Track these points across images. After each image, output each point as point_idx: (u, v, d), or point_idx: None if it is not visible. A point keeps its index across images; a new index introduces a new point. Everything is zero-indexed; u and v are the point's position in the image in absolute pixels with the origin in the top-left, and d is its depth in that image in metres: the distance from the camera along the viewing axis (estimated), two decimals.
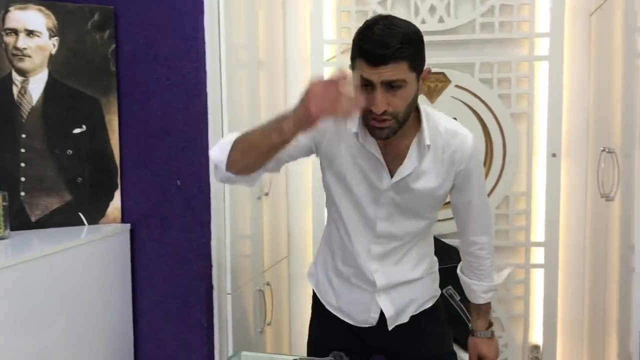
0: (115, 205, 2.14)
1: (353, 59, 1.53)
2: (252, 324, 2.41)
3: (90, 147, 2.09)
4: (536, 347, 2.68)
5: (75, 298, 1.91)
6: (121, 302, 2.12)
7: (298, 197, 2.84)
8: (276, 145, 1.53)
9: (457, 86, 2.60)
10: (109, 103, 2.10)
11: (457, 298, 2.29)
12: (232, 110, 2.16)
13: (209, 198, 2.08)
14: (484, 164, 2.62)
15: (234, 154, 1.57)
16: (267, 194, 2.52)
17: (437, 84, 2.61)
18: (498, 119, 2.60)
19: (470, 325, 1.96)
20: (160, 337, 2.16)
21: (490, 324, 1.93)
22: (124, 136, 2.13)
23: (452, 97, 2.61)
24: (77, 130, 2.08)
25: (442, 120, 1.67)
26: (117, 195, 2.14)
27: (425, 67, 1.56)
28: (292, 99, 2.79)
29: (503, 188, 2.63)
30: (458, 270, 1.93)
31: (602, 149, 2.23)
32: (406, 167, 1.64)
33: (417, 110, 1.63)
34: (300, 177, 2.83)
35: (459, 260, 1.95)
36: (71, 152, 2.07)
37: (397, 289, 1.81)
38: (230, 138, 1.60)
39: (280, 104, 2.75)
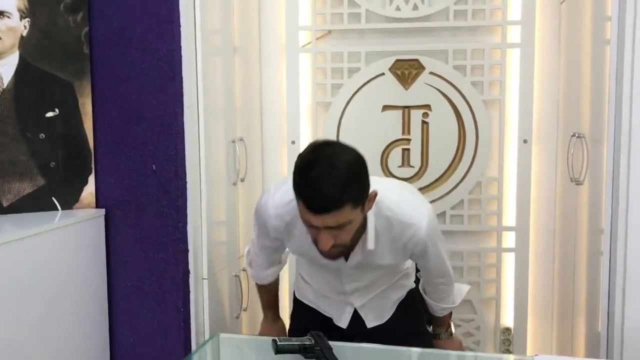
0: (89, 190, 2.12)
1: (295, 194, 1.52)
2: (228, 309, 2.41)
3: (64, 131, 2.07)
4: (507, 329, 2.74)
5: (49, 283, 1.89)
6: (96, 288, 2.11)
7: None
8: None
9: (431, 73, 2.63)
10: (82, 87, 2.07)
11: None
12: (207, 94, 2.15)
13: (185, 182, 2.08)
14: (457, 149, 2.66)
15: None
16: (242, 180, 2.51)
17: (412, 70, 2.64)
18: (471, 105, 2.64)
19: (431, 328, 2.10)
20: (136, 322, 2.15)
21: (449, 326, 2.06)
22: (97, 120, 2.11)
23: (426, 83, 2.64)
24: (49, 114, 2.05)
25: (394, 210, 1.66)
26: (91, 180, 2.12)
27: (372, 190, 1.54)
28: (268, 86, 2.79)
29: (475, 174, 2.67)
30: (420, 287, 1.99)
31: (572, 134, 2.28)
32: (356, 256, 1.72)
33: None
34: (276, 163, 2.83)
35: None
36: (44, 136, 2.04)
37: (372, 301, 1.95)
38: (259, 275, 2.04)
39: (255, 91, 2.75)
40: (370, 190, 1.55)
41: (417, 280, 2.06)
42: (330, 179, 1.45)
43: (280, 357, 1.57)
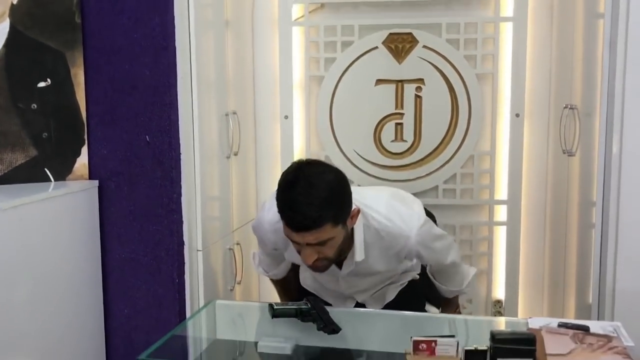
0: (82, 161, 2.10)
1: (278, 211, 1.60)
2: (222, 282, 2.42)
3: (56, 102, 2.05)
4: (499, 302, 2.77)
5: (42, 254, 1.88)
6: (90, 259, 2.10)
7: (266, 158, 2.84)
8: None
9: (424, 47, 2.63)
10: (74, 56, 2.05)
11: None
12: (200, 66, 2.14)
13: (179, 154, 2.07)
14: (450, 123, 2.67)
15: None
16: (236, 154, 2.51)
17: (405, 44, 2.64)
18: (464, 79, 2.64)
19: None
20: (131, 294, 2.16)
21: (457, 307, 2.09)
22: (90, 91, 2.09)
23: (420, 57, 2.64)
24: (41, 84, 2.03)
25: (383, 222, 1.70)
26: (84, 151, 2.10)
27: (354, 207, 1.62)
28: (260, 59, 2.78)
29: (468, 148, 2.68)
30: (427, 271, 2.03)
31: (564, 106, 2.30)
32: (348, 265, 1.75)
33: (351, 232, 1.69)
34: (269, 137, 2.83)
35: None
36: (36, 106, 2.02)
37: (374, 296, 1.99)
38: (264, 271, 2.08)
39: (247, 64, 2.74)
40: (354, 207, 1.62)
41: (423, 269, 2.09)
42: (309, 199, 1.51)
43: (277, 322, 1.58)
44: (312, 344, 1.60)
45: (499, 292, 2.77)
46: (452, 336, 1.23)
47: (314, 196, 1.51)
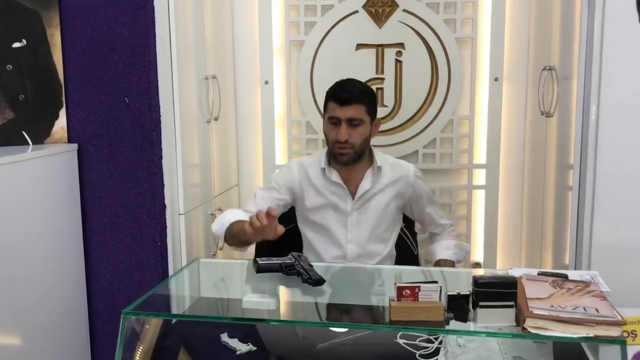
0: (60, 124, 2.07)
1: (326, 105, 2.07)
2: (205, 246, 2.42)
3: (32, 63, 2.01)
4: (477, 264, 2.82)
5: (21, 219, 1.86)
6: (71, 223, 2.09)
7: (247, 124, 2.83)
8: (248, 240, 1.85)
9: (404, 10, 2.62)
10: (50, 16, 2.01)
11: (403, 225, 2.37)
12: (179, 28, 2.11)
13: (159, 115, 2.05)
14: (430, 88, 2.69)
15: (227, 236, 2.01)
16: (216, 119, 2.50)
17: (385, 8, 2.63)
18: (444, 44, 2.65)
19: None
20: (113, 258, 2.15)
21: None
22: (67, 52, 2.05)
23: (400, 21, 2.64)
24: (16, 45, 1.99)
25: (389, 158, 2.20)
26: (63, 113, 2.07)
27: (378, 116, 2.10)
28: (239, 23, 2.75)
29: (447, 112, 2.70)
30: (427, 236, 2.34)
31: (543, 67, 2.32)
32: (364, 186, 2.10)
33: (370, 151, 2.14)
34: (249, 103, 2.81)
35: None
36: (11, 67, 1.98)
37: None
38: (227, 219, 2.02)
39: (227, 28, 2.71)
40: (377, 119, 2.10)
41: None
42: (355, 84, 2.07)
43: (261, 278, 1.59)
44: (296, 300, 1.61)
45: (478, 254, 2.82)
46: (435, 282, 1.25)
47: (359, 83, 2.08)
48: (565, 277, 1.41)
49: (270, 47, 2.73)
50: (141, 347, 1.44)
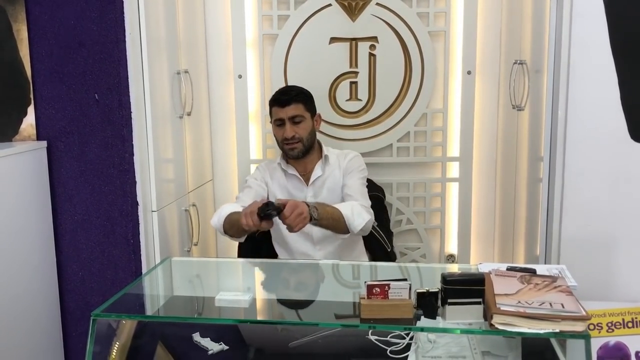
0: (28, 121, 2.04)
1: (270, 111, 2.33)
2: (179, 243, 2.41)
3: None
4: (451, 256, 2.85)
5: None
6: (41, 222, 2.06)
7: (221, 119, 2.81)
8: (244, 229, 1.92)
9: (377, 4, 2.62)
10: (16, 11, 1.97)
11: (375, 224, 2.38)
12: (149, 22, 2.08)
13: (130, 112, 2.03)
14: (403, 82, 2.69)
15: (225, 226, 2.12)
16: (189, 114, 2.48)
17: (359, 2, 2.63)
18: (417, 37, 2.65)
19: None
20: (85, 256, 2.13)
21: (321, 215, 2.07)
22: (34, 48, 2.02)
23: (373, 15, 2.63)
24: None
25: (337, 150, 2.41)
26: (31, 110, 2.04)
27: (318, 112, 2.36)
28: (212, 17, 2.72)
29: (421, 105, 2.71)
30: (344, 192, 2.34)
31: (514, 61, 2.34)
32: (316, 173, 2.32)
33: (320, 145, 2.37)
34: (223, 97, 2.79)
35: (375, 190, 2.51)
36: None
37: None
38: (225, 211, 2.14)
39: (199, 21, 2.68)
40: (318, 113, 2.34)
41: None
42: (292, 88, 2.37)
43: (233, 277, 1.59)
44: (269, 297, 1.61)
45: (452, 246, 2.85)
46: (405, 279, 1.26)
47: (296, 86, 2.37)
48: (533, 272, 1.43)
49: (244, 40, 2.71)
50: (113, 348, 1.44)
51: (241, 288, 1.60)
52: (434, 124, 2.74)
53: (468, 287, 1.21)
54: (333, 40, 2.67)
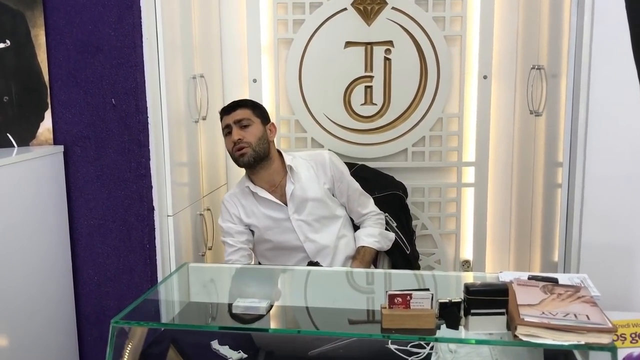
0: (46, 126, 2.04)
1: (222, 122, 2.25)
2: (193, 247, 2.40)
3: (16, 64, 1.98)
4: (466, 262, 2.82)
5: (7, 222, 1.83)
6: (58, 226, 2.06)
7: None
8: None
9: (393, 8, 2.61)
10: (35, 17, 1.97)
11: (394, 224, 2.38)
12: (166, 27, 2.08)
13: (147, 117, 2.03)
14: (419, 86, 2.68)
15: None
16: (204, 118, 2.47)
17: (374, 5, 2.61)
18: (432, 41, 2.64)
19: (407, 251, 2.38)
20: (101, 261, 2.13)
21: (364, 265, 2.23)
22: (52, 52, 2.02)
23: (388, 19, 2.62)
24: (0, 46, 1.95)
25: (301, 153, 2.33)
26: (48, 115, 2.04)
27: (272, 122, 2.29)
28: (227, 21, 2.72)
29: (437, 110, 2.69)
30: (348, 209, 2.36)
31: (531, 66, 2.32)
32: (288, 189, 2.22)
33: (281, 155, 2.29)
34: None
35: (395, 188, 2.45)
36: None
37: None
38: None
39: (214, 26, 2.68)
40: (272, 123, 2.28)
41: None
42: (240, 99, 2.31)
43: (251, 283, 1.58)
44: (287, 304, 1.60)
45: (467, 252, 2.83)
46: (427, 289, 1.24)
47: (243, 98, 2.34)
48: (555, 281, 1.41)
49: (259, 45, 2.71)
50: (130, 355, 1.43)
51: (258, 294, 1.59)
52: (450, 128, 2.72)
53: (492, 298, 1.20)
54: (348, 44, 2.66)
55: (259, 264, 2.34)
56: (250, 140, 2.17)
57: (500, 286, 1.22)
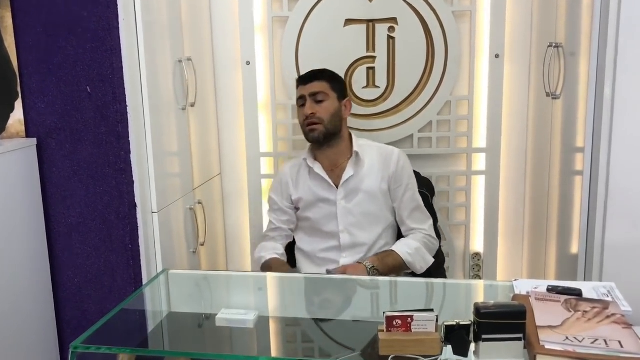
0: (16, 117, 1.88)
1: (297, 91, 2.14)
2: (184, 244, 2.24)
3: None
4: (477, 255, 2.65)
5: None
6: (33, 225, 1.90)
7: (228, 109, 2.62)
8: None
9: None
10: None
11: None
12: (146, 5, 1.90)
13: (125, 106, 1.85)
14: (425, 67, 2.48)
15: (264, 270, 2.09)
16: (193, 105, 2.30)
17: None
18: (440, 18, 2.43)
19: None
20: (81, 262, 1.97)
21: (382, 268, 2.00)
22: (21, 37, 1.85)
23: None
24: None
25: (373, 143, 2.19)
26: (19, 105, 1.87)
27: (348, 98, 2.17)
28: (217, 0, 2.52)
29: (444, 93, 2.50)
30: (398, 211, 2.16)
31: (548, 44, 2.12)
32: (347, 173, 2.10)
33: (350, 137, 2.17)
34: (230, 86, 2.60)
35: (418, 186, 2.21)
36: None
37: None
38: (261, 258, 2.13)
39: (204, 4, 2.49)
40: (348, 99, 2.16)
41: None
42: (320, 69, 2.17)
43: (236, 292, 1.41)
44: (276, 315, 1.44)
45: (477, 244, 2.65)
46: (431, 310, 1.07)
47: (326, 69, 2.17)
48: (579, 293, 1.24)
49: (252, 24, 2.51)
50: None
51: (244, 304, 1.43)
52: (459, 112, 2.53)
53: (507, 322, 1.02)
54: (348, 22, 2.46)
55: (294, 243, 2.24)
56: (323, 117, 2.06)
57: (517, 307, 1.04)
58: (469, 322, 1.06)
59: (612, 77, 1.68)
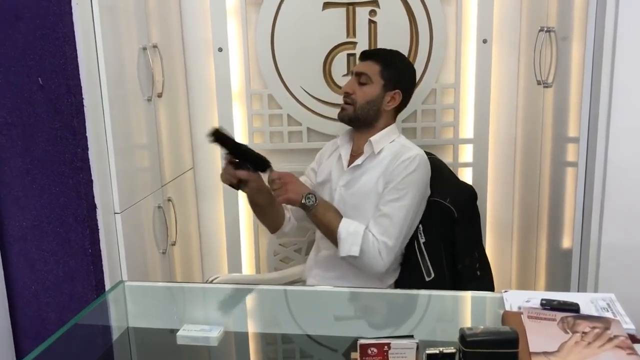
0: None
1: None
2: (153, 245, 2.10)
3: None
4: None
5: None
6: None
7: (200, 98, 2.47)
8: (259, 201, 1.90)
9: None
10: None
11: (422, 240, 1.99)
12: None
13: (81, 99, 1.70)
14: (409, 53, 2.34)
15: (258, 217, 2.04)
16: (160, 95, 2.14)
17: None
18: (424, 1, 2.29)
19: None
20: (38, 268, 1.83)
21: (307, 204, 1.84)
22: None
23: None
24: None
25: (403, 142, 1.98)
26: None
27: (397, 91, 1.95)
28: None
29: (429, 80, 2.36)
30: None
31: (539, 29, 1.98)
32: (357, 161, 1.95)
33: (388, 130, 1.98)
34: (201, 74, 2.45)
35: (445, 195, 1.98)
36: None
37: None
38: None
39: None
40: (398, 92, 1.96)
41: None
42: (387, 48, 2.04)
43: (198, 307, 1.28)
44: (241, 330, 1.31)
45: None
46: (411, 336, 0.94)
47: (393, 50, 2.02)
48: (576, 308, 1.11)
49: (224, 7, 2.34)
50: None
51: (208, 319, 1.29)
52: (445, 101, 2.39)
53: (496, 351, 0.89)
54: (327, 5, 2.31)
55: None
56: (358, 99, 1.94)
57: (508, 334, 0.91)
58: (454, 351, 0.94)
59: (610, 62, 1.56)
